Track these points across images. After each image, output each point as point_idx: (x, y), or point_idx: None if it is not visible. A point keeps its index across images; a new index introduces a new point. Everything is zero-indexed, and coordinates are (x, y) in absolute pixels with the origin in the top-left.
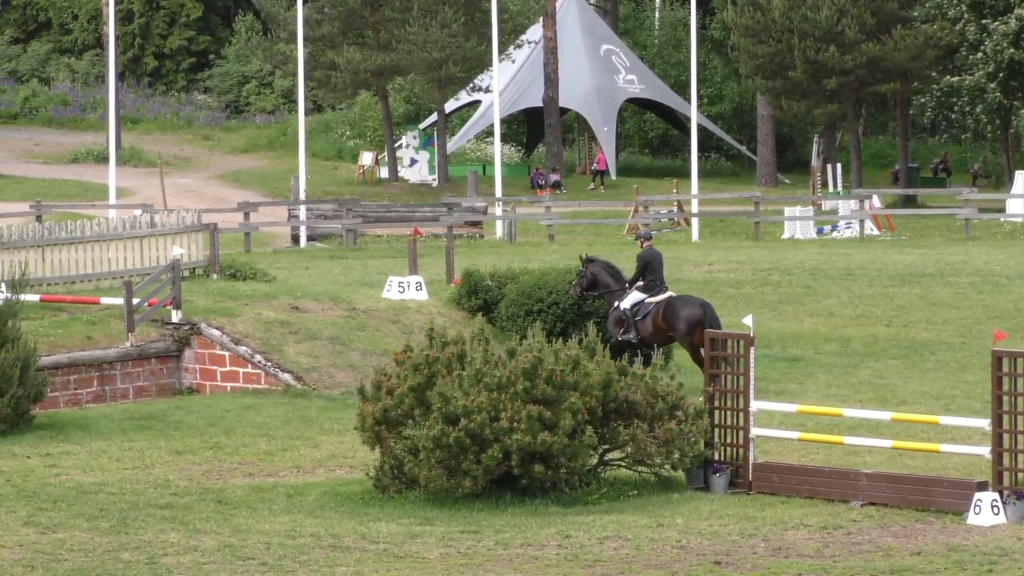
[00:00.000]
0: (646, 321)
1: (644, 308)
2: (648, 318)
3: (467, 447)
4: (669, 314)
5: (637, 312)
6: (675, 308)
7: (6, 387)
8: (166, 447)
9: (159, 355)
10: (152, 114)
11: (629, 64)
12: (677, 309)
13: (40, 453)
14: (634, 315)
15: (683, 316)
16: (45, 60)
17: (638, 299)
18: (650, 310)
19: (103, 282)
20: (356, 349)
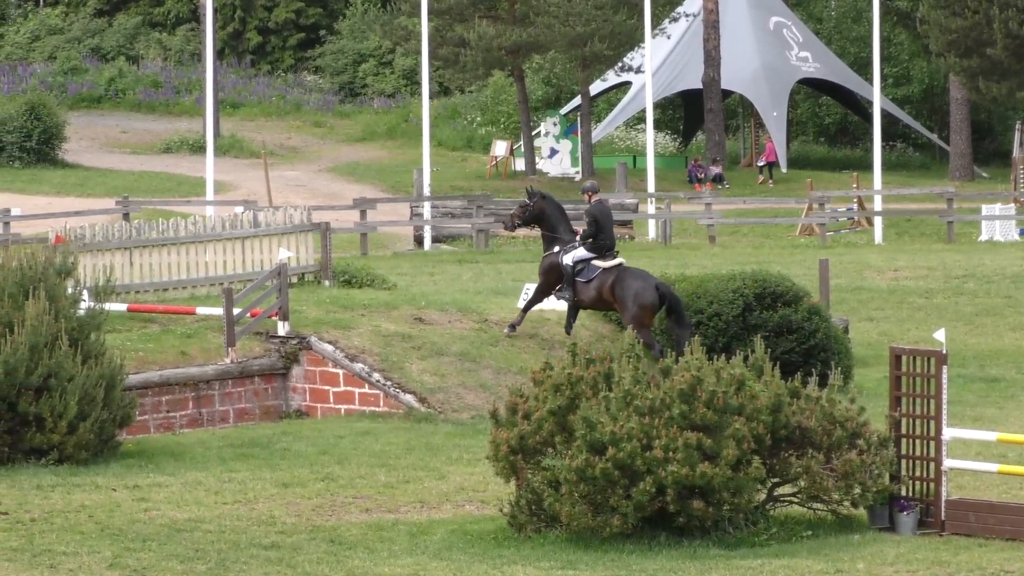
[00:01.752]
0: (589, 287)
1: (590, 271)
2: (592, 284)
3: (615, 480)
4: (620, 290)
5: (580, 272)
6: (628, 285)
7: (89, 409)
8: (271, 479)
9: (263, 373)
10: (255, 97)
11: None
12: (630, 287)
13: (127, 485)
14: (575, 273)
15: (635, 296)
16: (133, 36)
17: (584, 257)
18: (596, 275)
19: (199, 289)
20: (488, 367)
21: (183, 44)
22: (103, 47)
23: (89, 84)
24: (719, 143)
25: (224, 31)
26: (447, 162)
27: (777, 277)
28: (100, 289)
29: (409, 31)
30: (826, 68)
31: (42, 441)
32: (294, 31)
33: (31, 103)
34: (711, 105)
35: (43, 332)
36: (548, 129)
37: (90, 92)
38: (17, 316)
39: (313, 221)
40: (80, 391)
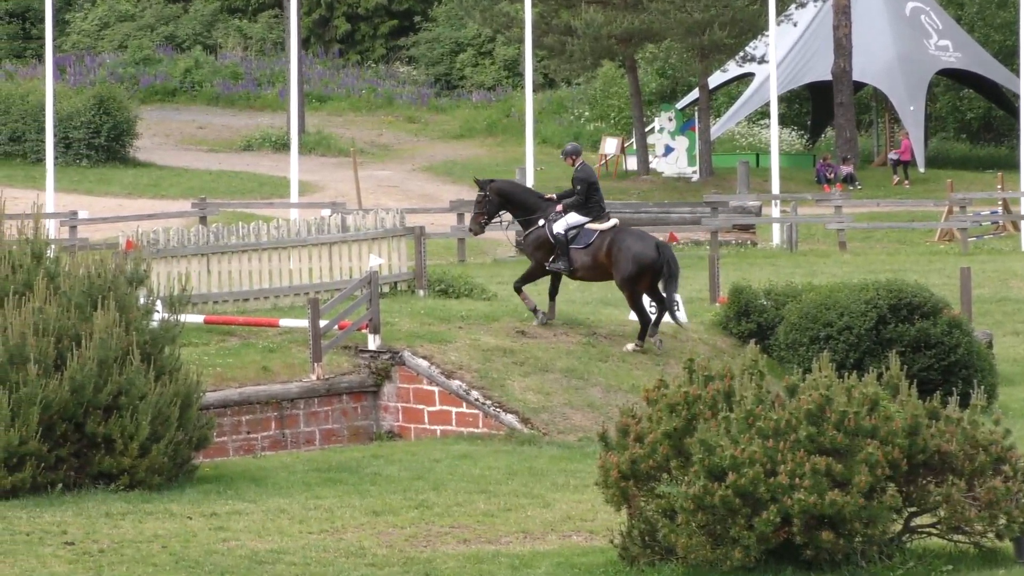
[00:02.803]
0: (585, 252)
1: (585, 235)
2: (589, 250)
3: (736, 508)
4: (616, 250)
5: (575, 238)
6: (625, 245)
7: (162, 430)
8: (360, 506)
9: (352, 391)
10: (343, 90)
11: (942, 27)
12: (628, 246)
13: (204, 513)
14: (569, 241)
15: (635, 256)
16: (211, 23)
17: (577, 222)
18: (593, 240)
19: (283, 299)
20: (597, 384)
21: (265, 32)
22: (178, 35)
23: (163, 76)
24: (850, 140)
25: (310, 18)
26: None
27: (914, 287)
28: (175, 299)
29: (511, 18)
30: (968, 58)
31: (112, 465)
32: (386, 18)
33: (100, 96)
34: (841, 98)
35: (113, 346)
36: (663, 125)
37: (164, 84)
38: (85, 328)
39: (406, 225)
40: (153, 410)
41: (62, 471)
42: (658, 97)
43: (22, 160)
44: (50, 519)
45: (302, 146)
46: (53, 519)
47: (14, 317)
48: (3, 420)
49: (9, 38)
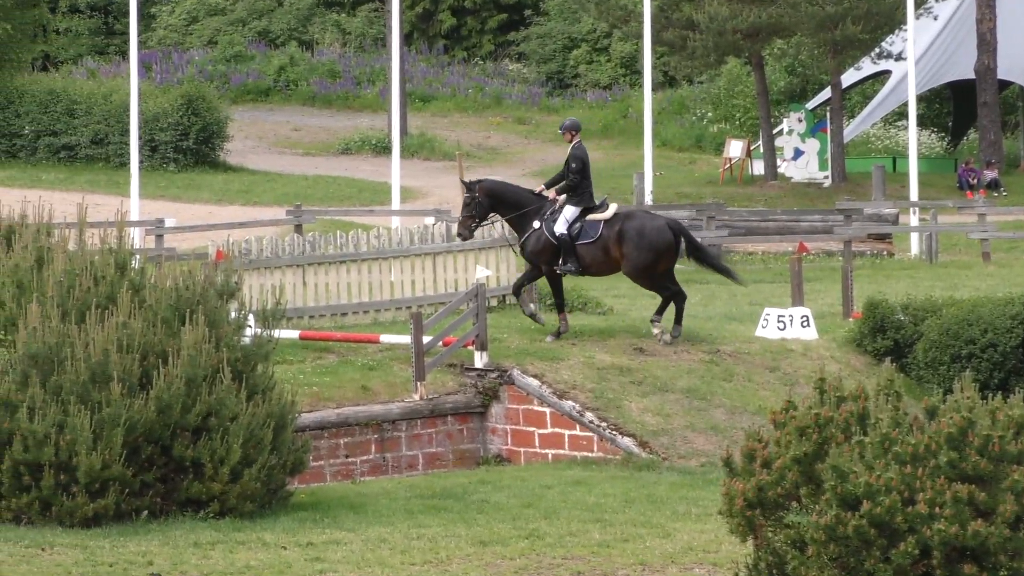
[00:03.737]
0: (594, 247)
1: (590, 229)
2: (598, 244)
3: (871, 539)
4: (628, 239)
5: (579, 234)
6: (638, 232)
7: (255, 454)
8: (467, 535)
9: (457, 412)
10: (448, 90)
11: None
12: (642, 234)
13: (299, 542)
14: (575, 238)
15: (650, 244)
16: (306, 17)
17: (574, 214)
18: (600, 232)
19: (383, 314)
20: (720, 405)
21: (365, 27)
22: (272, 31)
23: (255, 74)
24: (995, 143)
25: (413, 12)
26: (673, 165)
27: None
28: (268, 313)
29: (629, 11)
30: None
31: (200, 491)
32: (494, 12)
33: (188, 96)
34: (985, 98)
35: (202, 363)
36: (792, 126)
37: (256, 83)
38: (172, 345)
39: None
40: (245, 432)
41: (148, 497)
42: (787, 96)
43: (105, 164)
44: (135, 549)
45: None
46: (138, 549)
47: (97, 332)
48: (85, 443)
49: (91, 33)
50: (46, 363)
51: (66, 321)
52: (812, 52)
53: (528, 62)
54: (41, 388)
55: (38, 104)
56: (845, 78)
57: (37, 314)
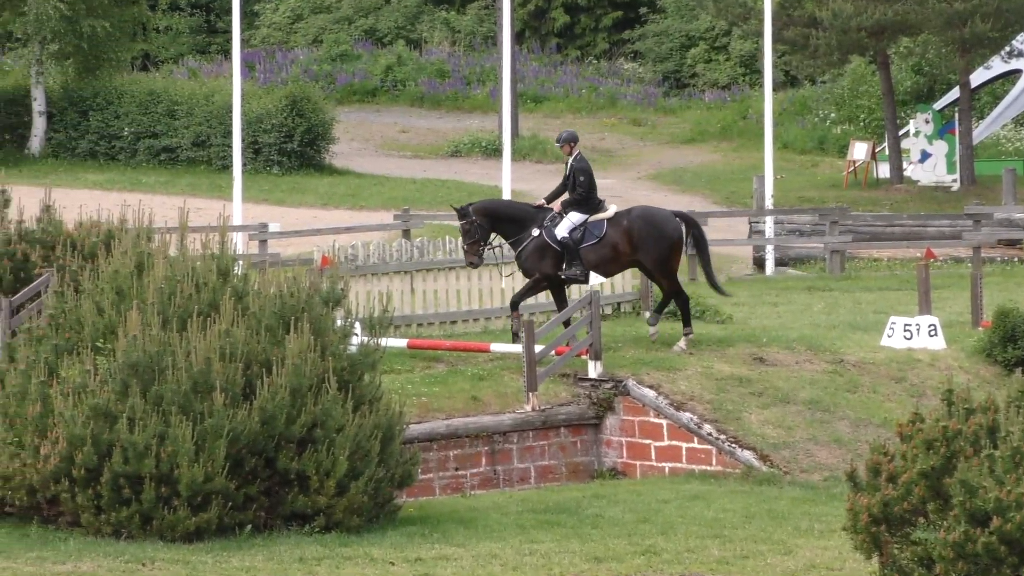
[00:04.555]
0: (601, 247)
1: (593, 230)
2: (604, 244)
3: (1002, 557)
4: (640, 236)
5: (581, 238)
6: (653, 223)
7: (362, 466)
8: (581, 551)
9: (571, 423)
10: (560, 90)
11: None
12: (656, 223)
13: (408, 558)
14: (578, 242)
15: (666, 236)
16: (415, 16)
17: (580, 220)
18: (604, 232)
19: (494, 322)
20: (844, 417)
21: (475, 25)
22: (379, 29)
23: (361, 74)
24: None
25: (524, 10)
26: (794, 168)
27: None
28: (375, 321)
29: (748, 9)
30: None
31: (306, 504)
32: (609, 9)
33: (292, 96)
34: None
35: (307, 373)
36: (919, 128)
37: (363, 83)
38: (276, 353)
39: None
40: (351, 444)
41: (251, 511)
42: (913, 97)
43: (207, 167)
44: (238, 564)
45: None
46: (241, 564)
47: (198, 341)
48: (187, 455)
49: (192, 32)
50: (146, 372)
51: (167, 329)
52: (940, 51)
53: (644, 61)
54: (141, 398)
55: (138, 105)
56: (974, 78)
57: (137, 322)
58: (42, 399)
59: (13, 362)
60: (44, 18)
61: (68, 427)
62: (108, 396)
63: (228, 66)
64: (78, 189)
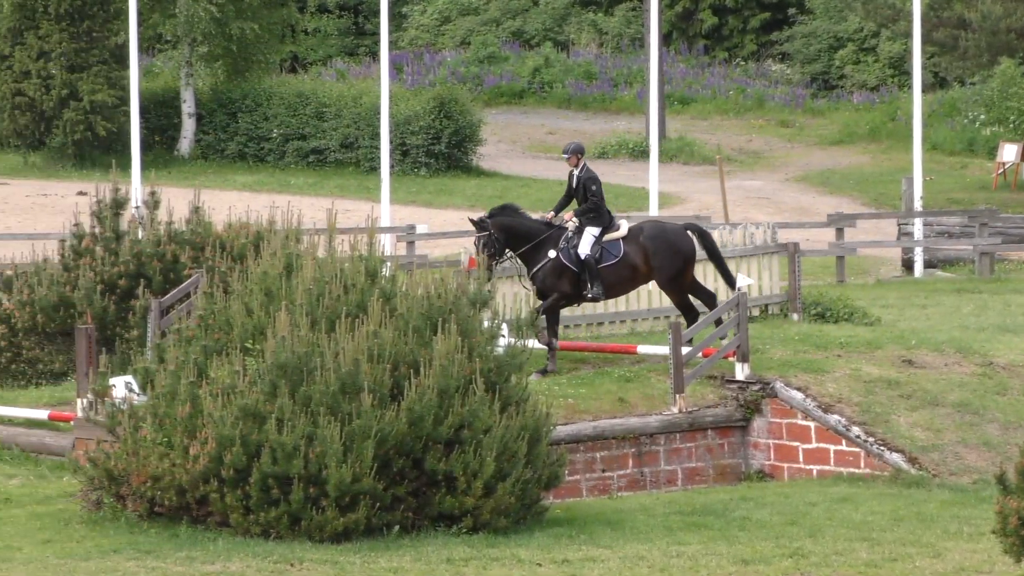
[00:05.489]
0: (621, 267)
1: (611, 248)
2: (624, 263)
3: None
4: (656, 253)
5: (601, 256)
6: (666, 239)
7: (509, 467)
8: (728, 553)
9: (718, 425)
10: (708, 91)
11: None
12: (670, 239)
13: (555, 559)
14: (597, 261)
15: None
16: (562, 17)
17: (595, 239)
18: (622, 251)
19: (640, 323)
20: (994, 420)
21: (622, 27)
22: (526, 31)
23: (509, 75)
24: None
25: (672, 11)
26: (943, 169)
27: None
28: (522, 323)
29: (897, 10)
30: None
31: (453, 505)
32: (757, 11)
33: (440, 98)
34: None
35: (454, 374)
36: None
37: (510, 85)
38: (424, 354)
39: (779, 242)
40: (499, 445)
41: (399, 512)
42: None
43: (355, 169)
44: (386, 565)
45: (662, 153)
46: (389, 565)
47: (347, 341)
48: (335, 455)
49: (341, 34)
50: (295, 373)
51: (315, 330)
52: None
53: (791, 62)
54: (290, 399)
55: (287, 107)
56: None
57: (286, 323)
58: (191, 400)
59: (163, 363)
60: (194, 20)
61: (217, 428)
62: (257, 397)
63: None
64: (227, 191)
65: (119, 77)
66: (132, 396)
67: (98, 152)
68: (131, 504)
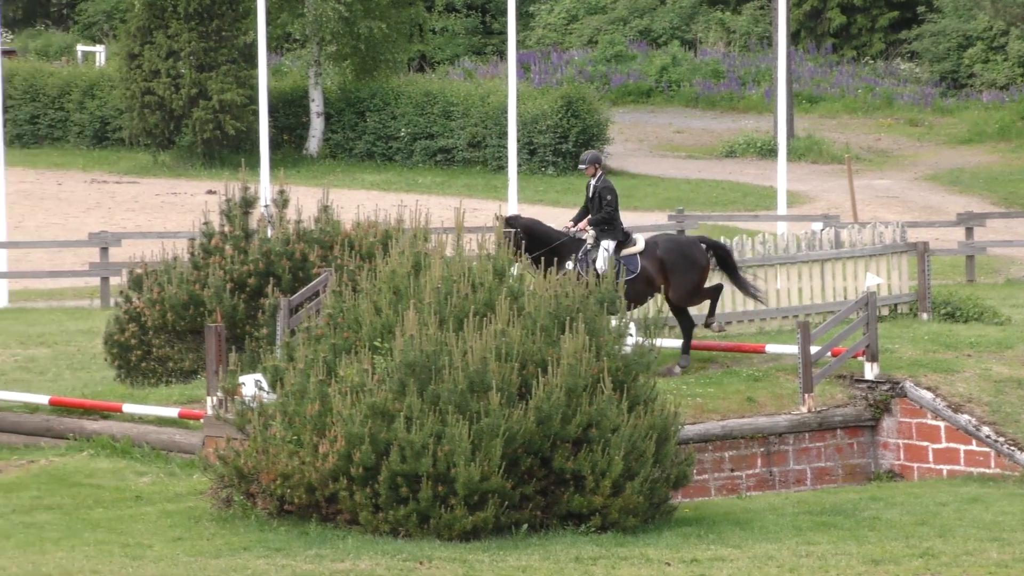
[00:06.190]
0: (636, 281)
1: (629, 263)
2: (641, 279)
3: None
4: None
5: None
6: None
7: (637, 467)
8: (857, 553)
9: (847, 425)
10: (836, 90)
11: None
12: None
13: (684, 559)
14: None
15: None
16: (690, 16)
17: (612, 247)
18: (640, 267)
19: (769, 322)
20: None
21: (750, 26)
22: (654, 29)
23: (636, 74)
24: None
25: (800, 10)
26: None
27: None
28: (650, 322)
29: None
30: None
31: (581, 504)
32: (885, 9)
33: (567, 97)
34: None
35: (582, 373)
36: None
37: (637, 84)
38: (551, 354)
39: (908, 241)
40: (627, 444)
41: (527, 510)
42: None
43: (482, 168)
44: (514, 563)
45: (790, 152)
46: (518, 563)
47: (475, 340)
48: (463, 454)
49: (468, 33)
50: (423, 372)
51: (443, 329)
52: None
53: (920, 61)
54: (418, 397)
55: (414, 106)
56: None
57: (414, 321)
58: (321, 398)
59: (292, 361)
60: (323, 19)
61: (346, 426)
62: (386, 395)
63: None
64: (355, 190)
65: (248, 76)
66: (261, 394)
67: (227, 151)
68: (261, 502)
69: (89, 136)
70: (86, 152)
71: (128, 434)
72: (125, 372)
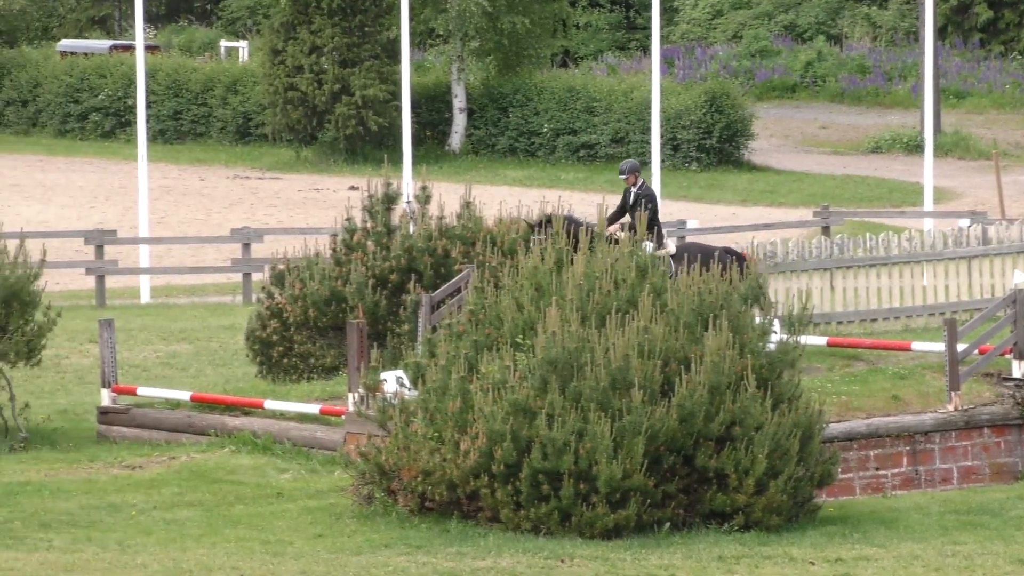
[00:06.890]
0: None
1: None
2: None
3: None
4: None
5: None
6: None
7: (781, 465)
8: (1004, 553)
9: (994, 424)
10: (983, 85)
11: None
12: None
13: (828, 558)
14: None
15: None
16: (836, 11)
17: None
18: (673, 269)
19: (915, 320)
20: None
21: (896, 21)
22: (799, 24)
23: (781, 69)
24: None
25: (947, 5)
26: None
27: None
28: (795, 319)
29: None
30: None
31: (724, 503)
32: None
33: (712, 93)
34: None
35: (726, 370)
36: None
37: (782, 79)
38: (695, 351)
39: None
40: (771, 442)
41: (670, 509)
42: None
43: None
44: (657, 562)
45: (937, 148)
46: (660, 562)
47: (617, 337)
48: (605, 451)
49: (611, 28)
50: (565, 369)
51: (585, 326)
52: None
53: None
54: (560, 394)
55: (557, 102)
56: None
57: (556, 318)
58: (462, 395)
59: (433, 357)
60: (466, 15)
61: (488, 423)
62: (527, 392)
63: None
64: (497, 186)
65: (390, 72)
66: (403, 391)
67: (369, 147)
68: (402, 499)
69: (232, 132)
70: (228, 148)
71: (269, 430)
72: (267, 368)
